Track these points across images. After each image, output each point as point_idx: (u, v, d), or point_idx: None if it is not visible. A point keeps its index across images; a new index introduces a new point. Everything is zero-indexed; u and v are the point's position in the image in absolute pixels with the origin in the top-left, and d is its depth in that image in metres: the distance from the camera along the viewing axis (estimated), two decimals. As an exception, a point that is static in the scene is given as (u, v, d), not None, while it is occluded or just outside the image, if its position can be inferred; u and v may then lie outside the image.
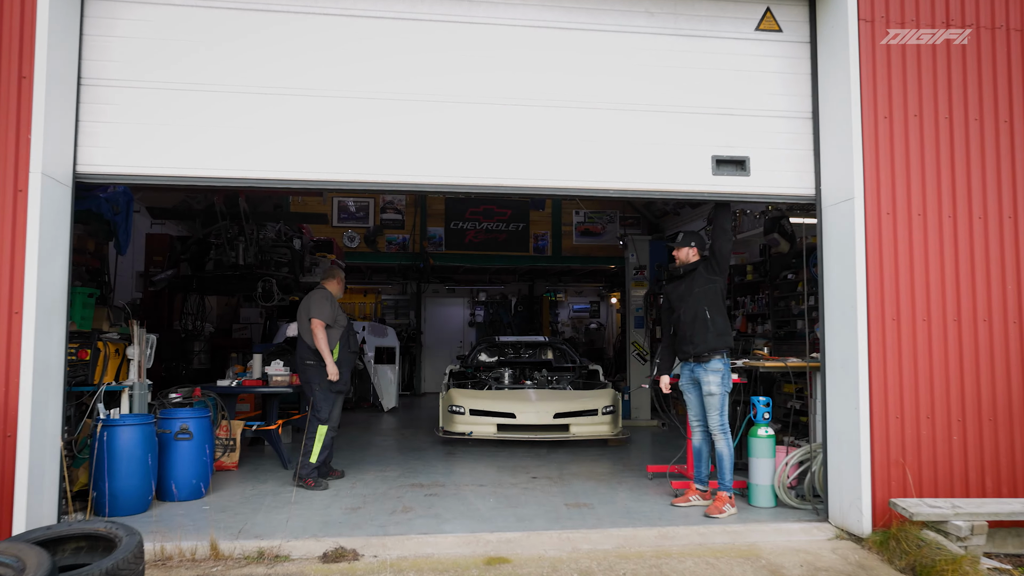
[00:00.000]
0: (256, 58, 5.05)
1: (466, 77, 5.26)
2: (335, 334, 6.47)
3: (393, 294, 17.46)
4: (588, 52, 5.37)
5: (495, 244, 14.30)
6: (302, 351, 6.42)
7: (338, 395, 6.51)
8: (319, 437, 6.30)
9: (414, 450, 8.42)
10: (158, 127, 4.92)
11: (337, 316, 6.51)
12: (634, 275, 11.21)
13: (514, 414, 8.49)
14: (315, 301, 6.43)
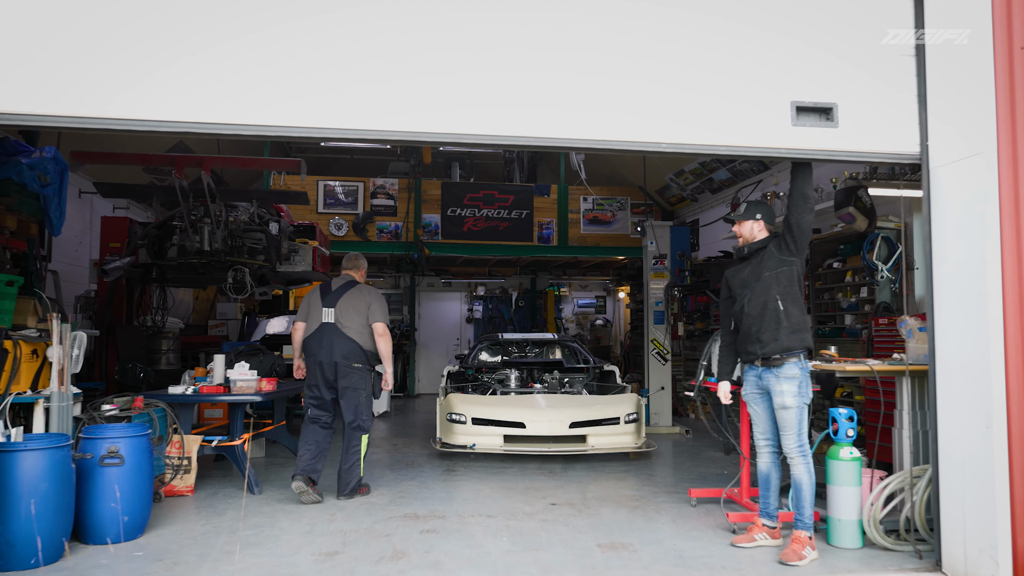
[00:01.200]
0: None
1: (501, 18, 4.06)
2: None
3: (385, 287, 16.23)
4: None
5: (496, 233, 13.11)
6: (348, 352, 5.70)
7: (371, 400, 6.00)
8: (364, 448, 5.82)
9: (407, 466, 7.23)
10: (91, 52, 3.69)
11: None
12: (653, 265, 10.03)
13: (524, 423, 7.31)
14: (378, 299, 5.91)
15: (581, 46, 4.11)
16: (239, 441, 5.98)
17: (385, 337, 5.76)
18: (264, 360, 7.33)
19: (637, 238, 13.53)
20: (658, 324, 9.99)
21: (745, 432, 5.54)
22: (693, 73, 4.17)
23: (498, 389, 8.33)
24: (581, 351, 9.70)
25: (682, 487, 6.23)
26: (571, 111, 4.08)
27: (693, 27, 4.20)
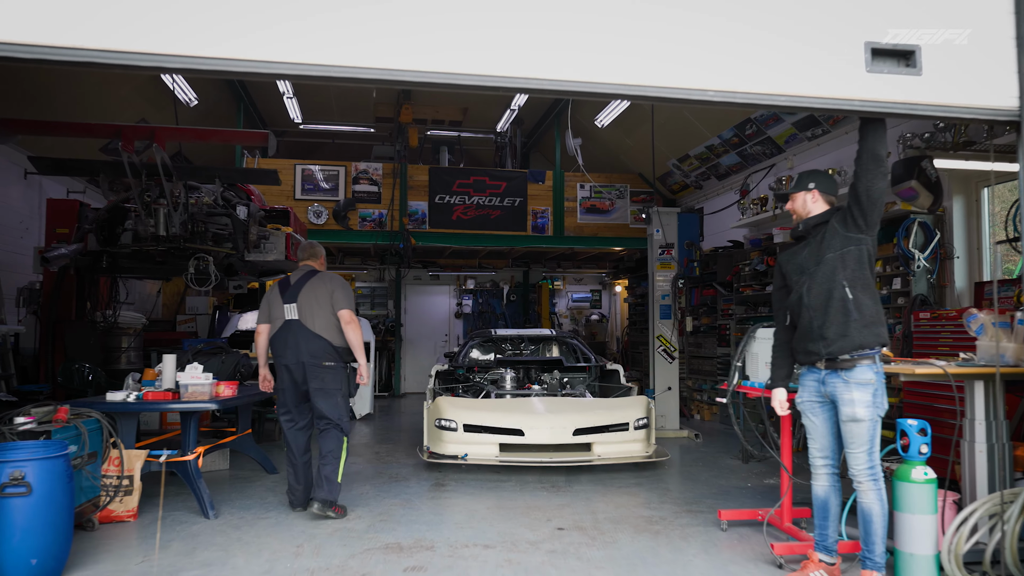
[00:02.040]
0: None
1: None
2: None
3: (368, 280, 15.36)
4: None
5: (487, 222, 12.26)
6: (316, 350, 5.12)
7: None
8: (344, 453, 5.20)
9: (391, 480, 6.38)
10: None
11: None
12: (659, 255, 9.23)
13: (522, 430, 6.49)
14: (340, 286, 5.28)
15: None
16: (192, 456, 5.12)
17: (353, 324, 5.14)
18: (227, 360, 6.47)
19: (637, 228, 12.76)
20: (664, 319, 9.20)
21: (787, 444, 4.74)
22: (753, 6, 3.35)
23: (492, 391, 7.50)
24: (581, 348, 8.89)
25: (705, 504, 5.44)
26: (606, 55, 3.25)
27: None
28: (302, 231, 10.02)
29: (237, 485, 6.11)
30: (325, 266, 5.60)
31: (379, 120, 13.76)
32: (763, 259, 9.10)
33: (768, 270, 9.07)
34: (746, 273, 9.65)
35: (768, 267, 9.06)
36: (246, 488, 5.97)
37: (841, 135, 8.12)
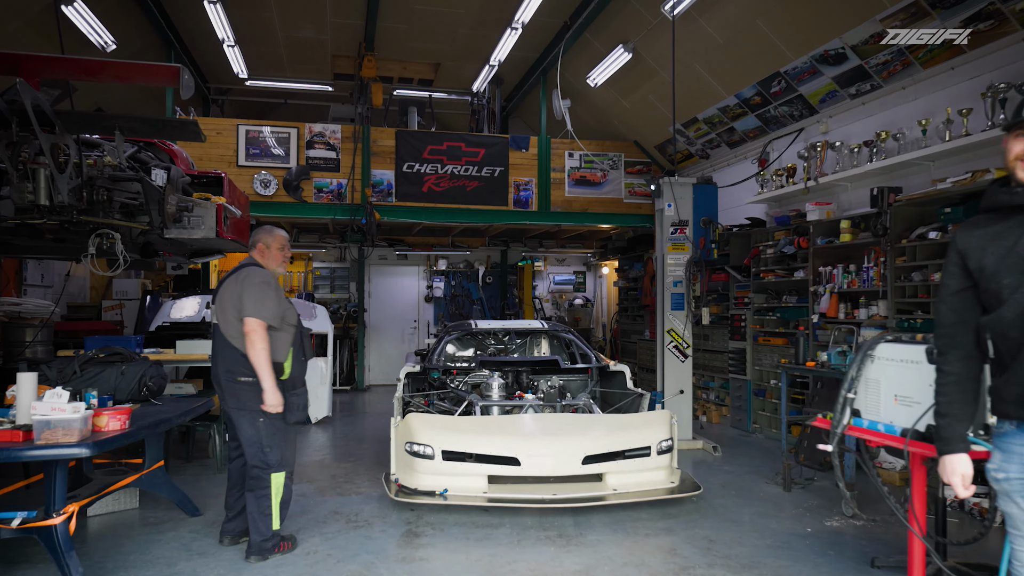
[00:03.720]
0: None
1: None
2: (284, 339, 4.27)
3: (327, 261, 13.72)
4: None
5: (463, 195, 10.70)
6: (229, 361, 4.20)
7: (294, 428, 4.37)
8: (275, 492, 4.20)
9: (348, 525, 4.89)
10: None
11: (286, 310, 4.30)
12: (671, 234, 7.80)
13: (517, 459, 5.06)
14: (250, 287, 4.19)
15: None
16: (58, 519, 3.58)
17: (253, 336, 4.06)
18: (128, 372, 4.89)
19: (632, 203, 11.34)
20: (676, 311, 7.79)
21: (920, 509, 3.35)
22: None
23: (476, 403, 6.02)
24: (579, 344, 7.45)
25: (768, 567, 4.06)
26: None
27: None
28: (242, 203, 8.38)
29: (142, 538, 4.57)
30: (269, 255, 4.50)
31: (338, 77, 12.08)
32: (793, 240, 7.72)
33: (799, 253, 7.72)
34: (768, 256, 8.29)
35: (799, 249, 7.70)
36: (153, 541, 4.44)
37: (895, 91, 6.71)
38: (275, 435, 4.17)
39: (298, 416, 4.27)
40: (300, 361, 4.39)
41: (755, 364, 8.58)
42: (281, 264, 4.48)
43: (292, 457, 4.35)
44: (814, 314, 7.48)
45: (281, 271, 4.49)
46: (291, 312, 4.31)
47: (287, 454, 4.25)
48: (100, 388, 4.80)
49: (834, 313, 7.21)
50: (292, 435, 4.34)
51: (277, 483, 4.17)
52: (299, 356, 4.35)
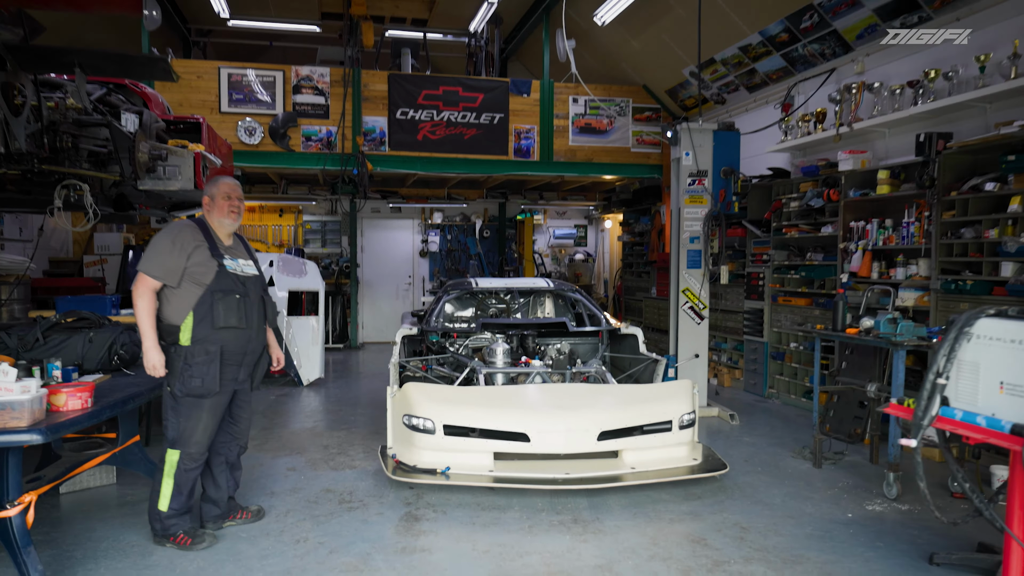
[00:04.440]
0: None
1: None
2: (183, 299, 3.76)
3: (318, 214, 13.09)
4: None
5: (460, 144, 10.06)
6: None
7: (199, 401, 3.74)
8: (167, 469, 3.77)
9: (342, 506, 4.43)
10: None
11: (193, 267, 3.76)
12: (689, 185, 7.23)
13: (527, 435, 4.58)
14: (155, 239, 3.83)
15: None
16: (13, 510, 3.11)
17: (134, 291, 3.68)
18: (96, 339, 4.35)
19: (640, 152, 10.73)
20: (693, 268, 7.26)
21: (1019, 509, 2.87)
22: None
23: (479, 370, 5.52)
24: (587, 304, 6.93)
25: (811, 561, 3.61)
26: None
27: None
28: (224, 152, 7.76)
29: (116, 520, 4.10)
30: (214, 207, 3.96)
31: (326, 17, 11.29)
32: (821, 192, 7.17)
33: (828, 206, 7.18)
34: (792, 210, 7.74)
35: (828, 202, 7.15)
36: (128, 525, 3.97)
37: (949, 21, 6.05)
38: (175, 408, 3.72)
39: (192, 387, 3.64)
40: (227, 325, 3.73)
41: (773, 326, 8.10)
42: (228, 215, 3.89)
43: (198, 437, 3.72)
44: (843, 273, 6.97)
45: (230, 223, 3.92)
46: (205, 270, 3.73)
47: (187, 431, 3.70)
48: (65, 358, 4.29)
49: (866, 272, 6.70)
50: (200, 412, 3.70)
51: (170, 461, 3.71)
52: (219, 321, 3.70)
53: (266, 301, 4.06)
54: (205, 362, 3.68)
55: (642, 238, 11.88)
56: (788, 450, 5.86)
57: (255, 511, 4.21)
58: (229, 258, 3.86)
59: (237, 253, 3.97)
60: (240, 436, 4.07)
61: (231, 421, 4.02)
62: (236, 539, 3.90)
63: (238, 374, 3.89)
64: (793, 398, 7.75)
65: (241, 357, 3.88)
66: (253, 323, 3.89)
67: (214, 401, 3.76)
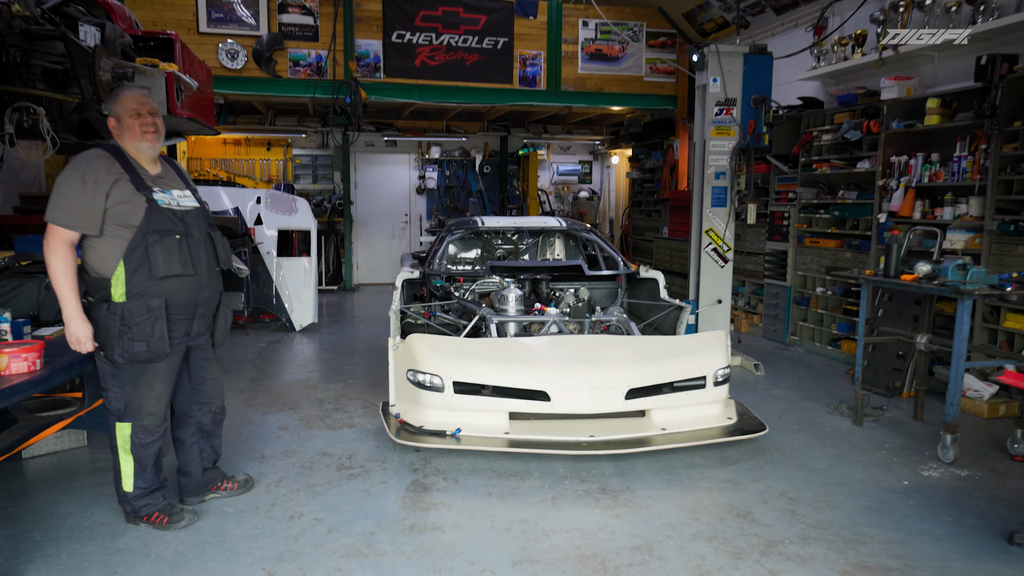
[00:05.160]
0: None
1: None
2: (110, 247, 3.06)
3: (308, 147, 12.36)
4: None
5: (462, 71, 9.33)
6: None
7: (146, 367, 3.13)
8: (122, 445, 3.18)
9: (340, 473, 3.96)
10: None
11: (115, 207, 3.03)
12: (716, 115, 6.59)
13: (547, 393, 4.08)
14: (60, 180, 3.04)
15: None
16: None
17: (45, 248, 3.01)
18: (28, 288, 3.79)
19: (653, 82, 10.02)
20: (717, 207, 6.69)
21: None
22: None
23: (491, 319, 4.99)
24: (603, 246, 6.38)
25: (875, 541, 3.19)
26: None
27: None
28: (202, 76, 7.05)
29: (84, 492, 3.62)
30: (123, 128, 3.18)
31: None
32: (860, 124, 6.56)
33: (866, 139, 6.58)
34: (823, 143, 7.14)
35: (867, 135, 6.56)
36: (96, 498, 3.49)
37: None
38: (117, 376, 3.11)
39: (135, 352, 3.03)
40: (154, 278, 3.06)
41: (797, 269, 7.58)
42: (144, 137, 3.14)
43: (151, 407, 3.17)
44: (880, 213, 6.42)
45: (147, 147, 3.17)
46: (131, 208, 3.04)
47: (136, 401, 3.14)
48: (16, 308, 3.76)
49: (908, 212, 6.14)
50: (149, 378, 3.14)
51: (122, 436, 3.16)
52: (159, 269, 3.04)
53: (215, 238, 3.38)
54: (147, 320, 3.04)
55: (653, 174, 11.24)
56: (822, 404, 5.42)
57: (242, 481, 3.71)
58: (160, 190, 3.16)
59: (169, 183, 3.26)
60: (211, 399, 3.49)
61: (194, 385, 3.43)
62: (221, 515, 3.43)
63: (191, 328, 3.28)
64: (818, 346, 7.30)
65: (192, 309, 3.26)
66: (202, 267, 3.24)
67: (165, 364, 3.17)
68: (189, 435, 3.47)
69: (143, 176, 3.14)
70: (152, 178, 3.18)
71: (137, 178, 3.10)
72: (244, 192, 8.48)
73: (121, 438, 3.16)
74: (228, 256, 3.48)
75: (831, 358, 7.03)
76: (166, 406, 3.26)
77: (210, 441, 3.56)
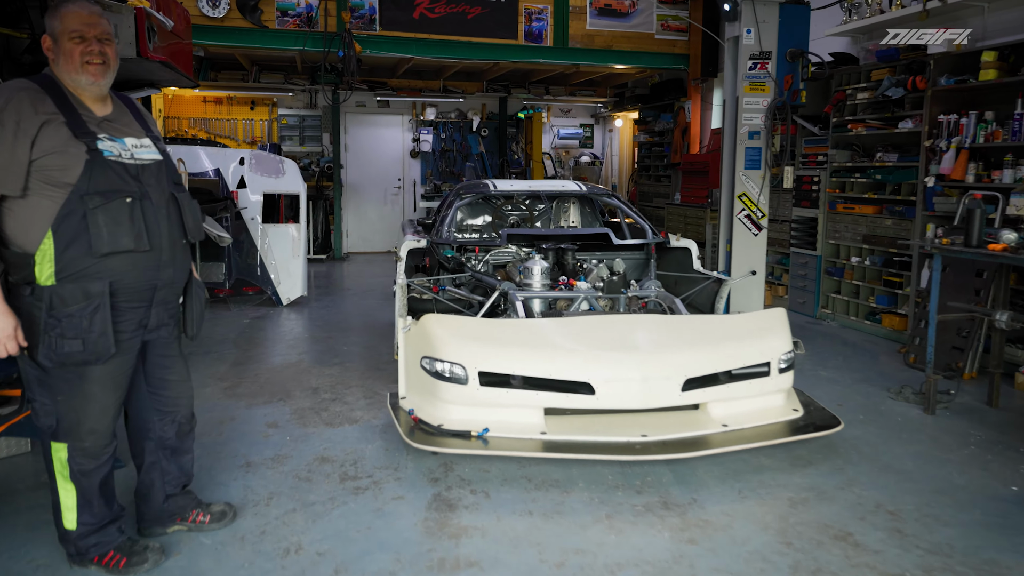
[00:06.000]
0: None
1: None
2: (34, 211, 2.28)
3: (295, 107, 11.53)
4: None
5: (463, 24, 8.56)
6: None
7: (83, 371, 2.36)
8: (59, 470, 2.44)
9: (343, 486, 3.32)
10: None
11: (45, 158, 2.26)
12: (749, 70, 5.93)
13: (591, 385, 3.45)
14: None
15: None
16: None
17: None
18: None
19: (664, 39, 9.32)
20: (751, 170, 6.06)
21: None
22: None
23: (515, 296, 4.32)
24: (628, 211, 5.74)
25: (1017, 567, 2.61)
26: None
27: None
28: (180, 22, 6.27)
29: (20, 520, 2.93)
30: (59, 52, 2.39)
31: None
32: (904, 80, 5.97)
33: (909, 97, 5.97)
34: (859, 102, 6.54)
35: (910, 92, 5.94)
36: (36, 528, 2.81)
37: None
38: (45, 382, 2.38)
39: (66, 352, 2.28)
40: (94, 254, 2.29)
41: (829, 237, 7.00)
42: (83, 68, 2.34)
43: (92, 423, 2.42)
44: (928, 176, 5.82)
45: (87, 81, 2.37)
46: (65, 160, 2.28)
47: (72, 416, 2.40)
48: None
49: (960, 175, 5.55)
50: (87, 386, 2.39)
51: (58, 459, 2.43)
52: (101, 243, 2.28)
53: (181, 202, 2.57)
54: (84, 311, 2.27)
55: (662, 138, 10.56)
56: (880, 388, 4.85)
57: (218, 512, 2.89)
58: (107, 137, 2.38)
59: (121, 128, 2.47)
60: (174, 407, 2.72)
61: (153, 390, 2.67)
62: (196, 550, 2.73)
63: (146, 318, 2.50)
64: (854, 320, 6.74)
65: (149, 293, 2.47)
66: (161, 239, 2.45)
67: (111, 368, 2.40)
68: (147, 453, 2.73)
69: (85, 118, 2.37)
70: (98, 121, 2.41)
71: (76, 120, 2.33)
72: (226, 152, 7.72)
73: (58, 461, 2.43)
74: (198, 225, 2.68)
75: (870, 333, 6.48)
76: (114, 420, 2.50)
77: (176, 460, 2.79)
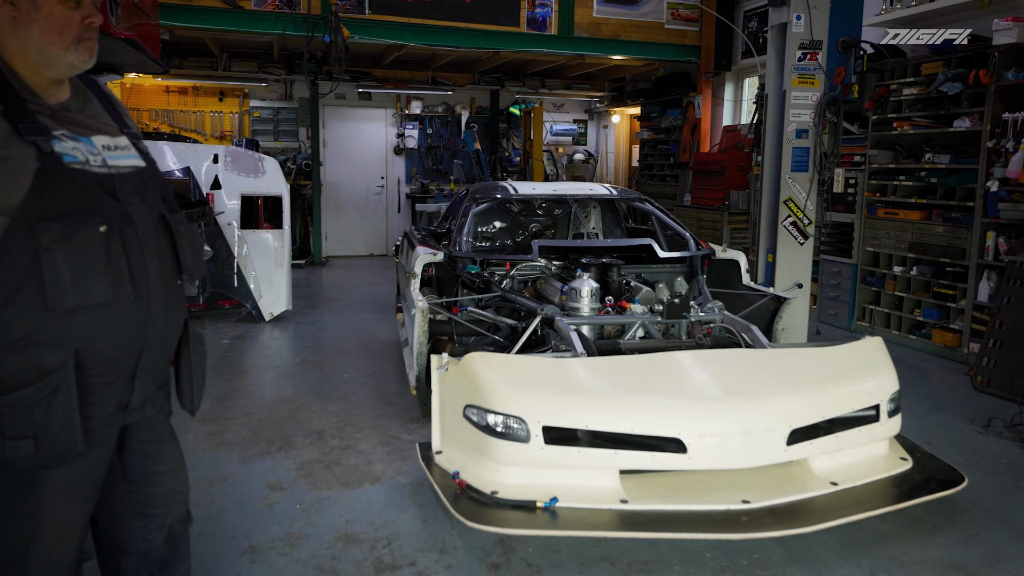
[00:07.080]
0: None
1: None
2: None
3: (269, 98, 10.67)
4: None
5: (460, 9, 7.85)
6: None
7: (37, 479, 1.46)
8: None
9: None
10: None
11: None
12: (799, 60, 5.33)
13: (682, 441, 2.79)
14: None
15: None
16: None
17: None
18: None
19: (675, 30, 8.72)
20: (798, 171, 5.47)
21: None
22: None
23: (566, 325, 3.62)
24: (664, 219, 5.11)
25: None
26: None
27: None
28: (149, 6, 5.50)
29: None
30: (41, 22, 1.53)
31: None
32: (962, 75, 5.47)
33: (967, 93, 5.45)
34: (906, 98, 6.01)
35: (969, 88, 5.43)
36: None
37: None
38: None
39: (11, 453, 1.49)
40: (53, 310, 1.51)
41: (867, 244, 6.47)
42: (76, 45, 1.58)
43: (46, 551, 1.62)
44: (991, 180, 5.31)
45: (79, 62, 1.60)
46: (3, 173, 1.47)
47: (16, 543, 1.59)
48: None
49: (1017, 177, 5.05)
50: (40, 499, 1.58)
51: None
52: (63, 297, 1.51)
53: (173, 226, 1.77)
54: (36, 396, 1.49)
55: (668, 135, 9.97)
56: (962, 420, 4.31)
57: None
58: (67, 134, 1.59)
59: (86, 121, 1.68)
60: (166, 508, 1.88)
61: (135, 488, 1.84)
62: None
63: (128, 395, 1.71)
64: (896, 334, 6.21)
65: (132, 361, 1.69)
66: (150, 282, 1.67)
67: (72, 474, 1.62)
68: (128, 572, 1.88)
69: (33, 106, 1.57)
70: (51, 111, 1.61)
71: (21, 109, 1.53)
72: (197, 148, 6.88)
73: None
74: (198, 260, 1.88)
75: (918, 349, 5.97)
76: (77, 543, 1.70)
77: (167, 573, 1.94)
